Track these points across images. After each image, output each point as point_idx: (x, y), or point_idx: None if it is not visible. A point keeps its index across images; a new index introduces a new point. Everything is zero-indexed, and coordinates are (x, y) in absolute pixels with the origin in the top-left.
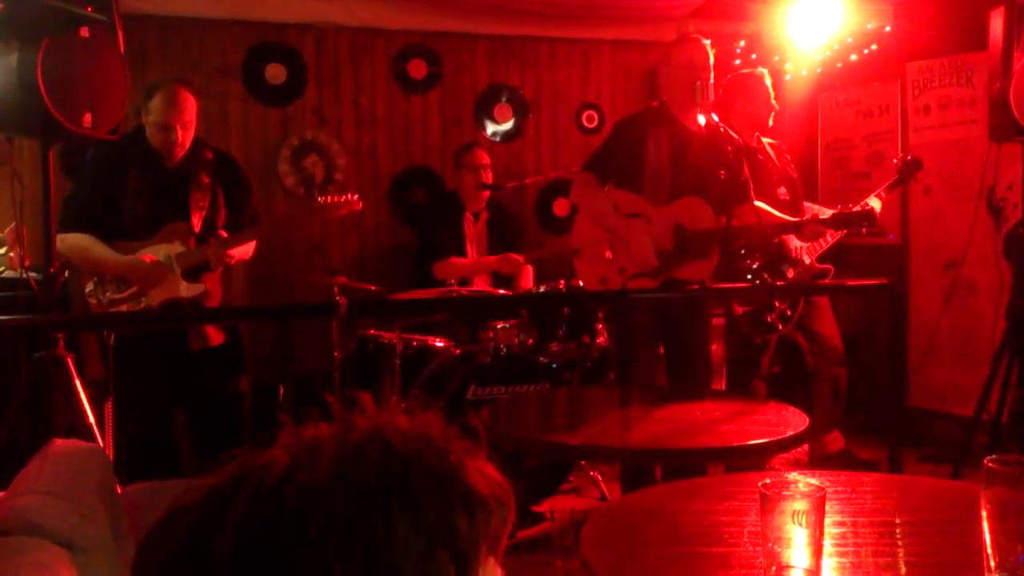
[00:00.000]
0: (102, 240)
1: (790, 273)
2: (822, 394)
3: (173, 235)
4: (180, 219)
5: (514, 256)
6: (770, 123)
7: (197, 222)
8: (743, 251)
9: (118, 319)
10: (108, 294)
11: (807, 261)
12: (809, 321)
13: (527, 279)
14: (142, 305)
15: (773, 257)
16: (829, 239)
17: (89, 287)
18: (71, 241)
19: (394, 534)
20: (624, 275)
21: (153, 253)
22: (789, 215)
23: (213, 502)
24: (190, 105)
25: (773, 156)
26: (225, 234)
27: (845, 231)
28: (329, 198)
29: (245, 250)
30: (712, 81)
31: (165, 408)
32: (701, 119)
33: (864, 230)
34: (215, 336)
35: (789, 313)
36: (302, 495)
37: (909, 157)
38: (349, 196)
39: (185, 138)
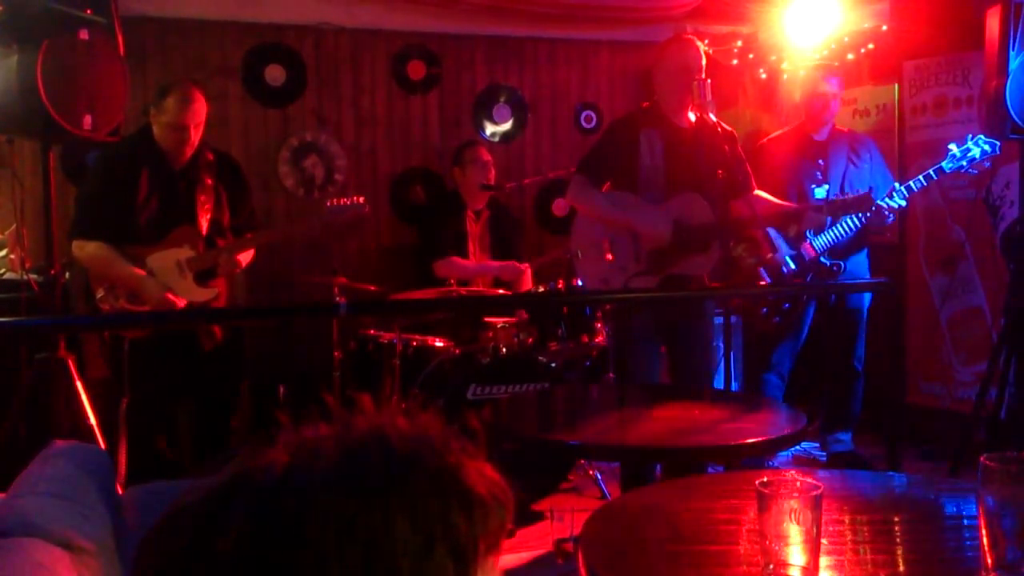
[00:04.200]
0: (115, 245)
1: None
2: (832, 400)
3: (182, 239)
4: (188, 223)
5: (516, 264)
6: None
7: (204, 225)
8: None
9: (119, 320)
10: (121, 301)
11: (807, 257)
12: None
13: (526, 281)
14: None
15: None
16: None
17: (100, 293)
18: (91, 251)
19: (392, 532)
20: (626, 274)
21: (164, 259)
22: None
23: (213, 502)
24: (202, 106)
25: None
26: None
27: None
28: (336, 201)
29: (247, 256)
30: (709, 81)
31: (175, 406)
32: (692, 117)
33: (876, 227)
34: (219, 332)
35: (786, 306)
36: (300, 495)
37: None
38: (356, 198)
39: (196, 138)
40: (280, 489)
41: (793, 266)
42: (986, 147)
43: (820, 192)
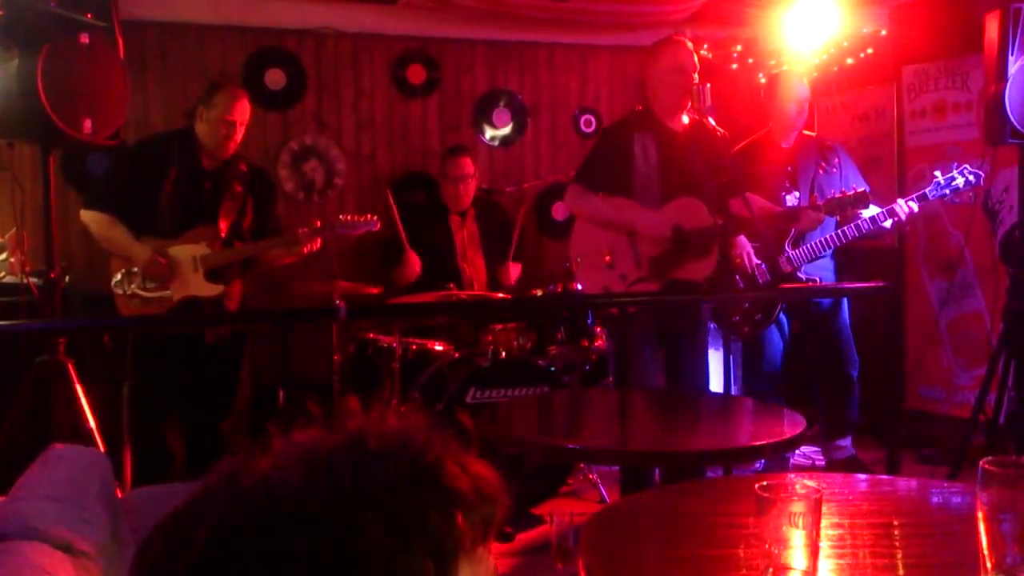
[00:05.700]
0: (130, 231)
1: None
2: (830, 402)
3: (200, 237)
4: (209, 222)
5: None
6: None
7: (224, 228)
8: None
9: (120, 323)
10: (133, 286)
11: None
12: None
13: (512, 273)
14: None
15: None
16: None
17: (117, 277)
18: (96, 214)
19: (363, 533)
20: (626, 281)
21: (181, 252)
22: None
23: (188, 511)
24: (247, 106)
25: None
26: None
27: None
28: (349, 217)
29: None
30: (709, 85)
31: (178, 405)
32: (685, 119)
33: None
34: (224, 328)
35: (757, 317)
36: (272, 496)
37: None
38: (369, 216)
39: (240, 136)
40: (253, 492)
41: (768, 276)
42: (970, 177)
43: (791, 200)
